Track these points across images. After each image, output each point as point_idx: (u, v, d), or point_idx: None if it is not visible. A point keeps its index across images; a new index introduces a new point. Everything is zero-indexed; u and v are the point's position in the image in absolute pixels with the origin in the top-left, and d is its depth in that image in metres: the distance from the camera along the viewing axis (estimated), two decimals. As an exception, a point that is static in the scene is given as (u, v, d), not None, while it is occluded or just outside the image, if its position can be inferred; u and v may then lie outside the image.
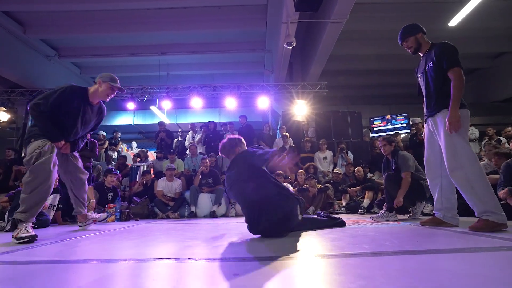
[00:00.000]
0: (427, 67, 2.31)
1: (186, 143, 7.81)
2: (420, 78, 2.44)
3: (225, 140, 2.49)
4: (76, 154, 2.74)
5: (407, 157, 3.33)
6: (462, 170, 2.05)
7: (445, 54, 2.17)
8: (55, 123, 2.37)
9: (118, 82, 2.61)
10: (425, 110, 2.40)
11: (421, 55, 2.43)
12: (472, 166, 2.03)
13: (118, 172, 6.46)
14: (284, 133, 6.94)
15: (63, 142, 2.42)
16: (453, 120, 2.05)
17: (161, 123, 8.02)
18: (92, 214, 3.05)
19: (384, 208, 3.29)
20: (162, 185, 5.26)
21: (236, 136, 2.50)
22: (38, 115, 2.30)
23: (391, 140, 3.54)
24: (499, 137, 6.19)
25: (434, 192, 2.45)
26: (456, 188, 2.21)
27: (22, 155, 7.66)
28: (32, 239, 2.04)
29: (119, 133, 8.98)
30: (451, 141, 2.10)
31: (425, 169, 2.52)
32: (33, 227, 2.27)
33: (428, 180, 2.52)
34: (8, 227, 2.96)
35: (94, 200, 3.97)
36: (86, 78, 10.95)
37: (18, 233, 2.04)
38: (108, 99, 2.61)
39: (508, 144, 5.58)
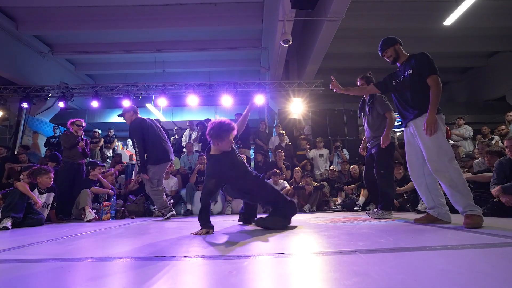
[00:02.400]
0: (405, 75, 2.47)
1: (184, 139, 7.77)
2: (393, 86, 2.64)
3: (216, 122, 2.39)
4: None
5: (383, 98, 3.29)
6: (446, 169, 2.17)
7: (425, 63, 2.35)
8: None
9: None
10: (402, 115, 2.56)
11: (398, 65, 2.62)
12: (453, 165, 2.18)
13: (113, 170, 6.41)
14: (280, 131, 6.95)
15: None
16: (430, 123, 2.22)
17: (156, 121, 7.93)
18: None
19: (378, 207, 3.27)
20: None
21: (228, 121, 2.39)
22: None
23: (370, 80, 3.39)
24: (492, 135, 6.27)
25: (421, 192, 2.56)
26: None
27: (16, 152, 7.57)
28: None
29: (112, 130, 8.90)
30: (434, 142, 2.23)
31: (408, 171, 2.63)
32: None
33: (413, 181, 2.62)
34: (3, 225, 2.92)
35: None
36: (80, 75, 10.84)
37: None
38: None
39: (502, 143, 5.66)
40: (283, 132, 6.94)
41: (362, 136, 8.31)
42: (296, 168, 5.58)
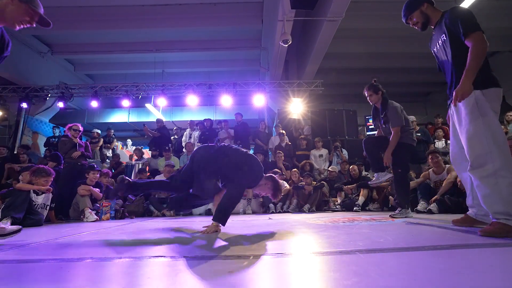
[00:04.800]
0: (439, 42, 1.97)
1: (184, 139, 7.76)
2: (434, 54, 2.14)
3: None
4: None
5: (397, 109, 3.17)
6: (487, 163, 1.65)
7: (458, 20, 1.81)
8: None
9: (41, 8, 1.82)
10: (448, 92, 2.02)
11: (433, 27, 2.10)
12: (500, 157, 1.62)
13: (113, 170, 6.42)
14: (281, 131, 6.95)
15: None
16: (461, 92, 1.72)
17: (158, 120, 7.85)
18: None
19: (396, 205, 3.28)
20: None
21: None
22: None
23: (378, 88, 3.24)
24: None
25: (466, 186, 2.10)
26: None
27: (15, 152, 7.56)
28: None
29: (112, 130, 8.89)
30: (469, 130, 1.72)
31: (452, 164, 2.20)
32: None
33: (457, 174, 2.24)
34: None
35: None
36: (80, 75, 10.84)
37: None
38: (17, 29, 1.86)
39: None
40: (283, 132, 6.94)
41: (361, 136, 8.33)
42: (294, 169, 5.59)
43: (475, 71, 1.72)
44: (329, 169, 5.84)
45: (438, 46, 2.02)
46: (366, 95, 3.33)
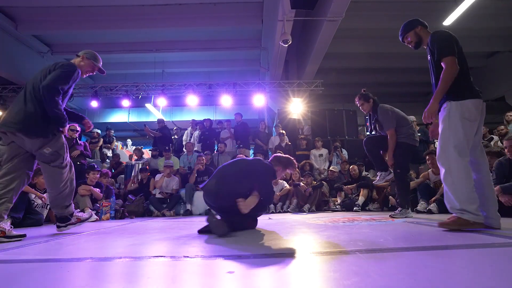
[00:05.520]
0: (429, 59, 2.20)
1: (184, 138, 7.75)
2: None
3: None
4: None
5: (387, 110, 3.23)
6: (447, 165, 1.94)
7: (435, 45, 2.06)
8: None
9: (101, 62, 2.61)
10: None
11: (425, 47, 2.31)
12: (456, 163, 1.91)
13: (113, 170, 6.42)
14: (281, 131, 6.95)
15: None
16: (427, 112, 1.99)
17: (159, 120, 7.82)
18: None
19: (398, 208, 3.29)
20: (160, 179, 5.31)
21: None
22: (56, 104, 2.18)
23: (368, 97, 3.35)
24: (491, 135, 6.27)
25: None
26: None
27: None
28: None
29: (112, 130, 8.89)
30: (442, 136, 2.00)
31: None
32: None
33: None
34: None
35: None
36: (79, 74, 10.81)
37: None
38: (85, 76, 2.61)
39: (501, 143, 5.66)
40: (284, 132, 6.94)
41: (361, 136, 8.33)
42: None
43: (443, 93, 1.97)
44: (330, 169, 5.84)
45: (428, 63, 2.25)
46: (358, 105, 3.44)
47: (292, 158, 2.73)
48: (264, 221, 3.26)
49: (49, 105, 2.15)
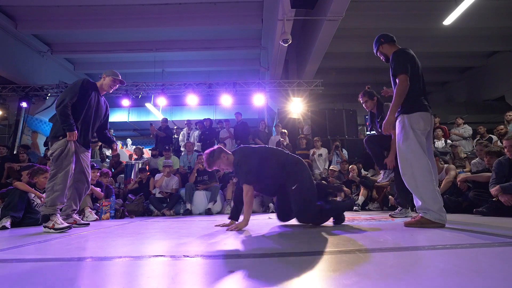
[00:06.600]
0: (390, 74, 2.38)
1: (180, 138, 7.75)
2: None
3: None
4: (88, 156, 3.02)
5: None
6: (410, 171, 2.17)
7: (392, 63, 2.29)
8: (76, 117, 2.73)
9: (119, 76, 3.09)
10: None
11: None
12: (418, 167, 2.14)
13: (113, 170, 6.41)
14: (283, 130, 6.95)
15: (76, 133, 2.70)
16: (385, 125, 2.25)
17: (164, 120, 7.79)
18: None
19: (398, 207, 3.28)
20: (160, 178, 5.30)
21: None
22: (66, 114, 2.62)
23: (373, 94, 3.34)
24: (490, 135, 6.28)
25: None
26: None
27: (15, 152, 7.55)
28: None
29: (112, 130, 8.88)
30: (399, 146, 2.23)
31: None
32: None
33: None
34: (2, 224, 2.91)
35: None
36: (79, 74, 10.82)
37: (54, 225, 2.49)
38: (111, 91, 3.11)
39: (501, 142, 5.66)
40: (285, 131, 6.94)
41: (361, 136, 8.32)
42: None
43: (397, 106, 2.23)
44: (330, 168, 5.83)
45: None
46: (361, 101, 3.44)
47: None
48: (264, 220, 3.26)
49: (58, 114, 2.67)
